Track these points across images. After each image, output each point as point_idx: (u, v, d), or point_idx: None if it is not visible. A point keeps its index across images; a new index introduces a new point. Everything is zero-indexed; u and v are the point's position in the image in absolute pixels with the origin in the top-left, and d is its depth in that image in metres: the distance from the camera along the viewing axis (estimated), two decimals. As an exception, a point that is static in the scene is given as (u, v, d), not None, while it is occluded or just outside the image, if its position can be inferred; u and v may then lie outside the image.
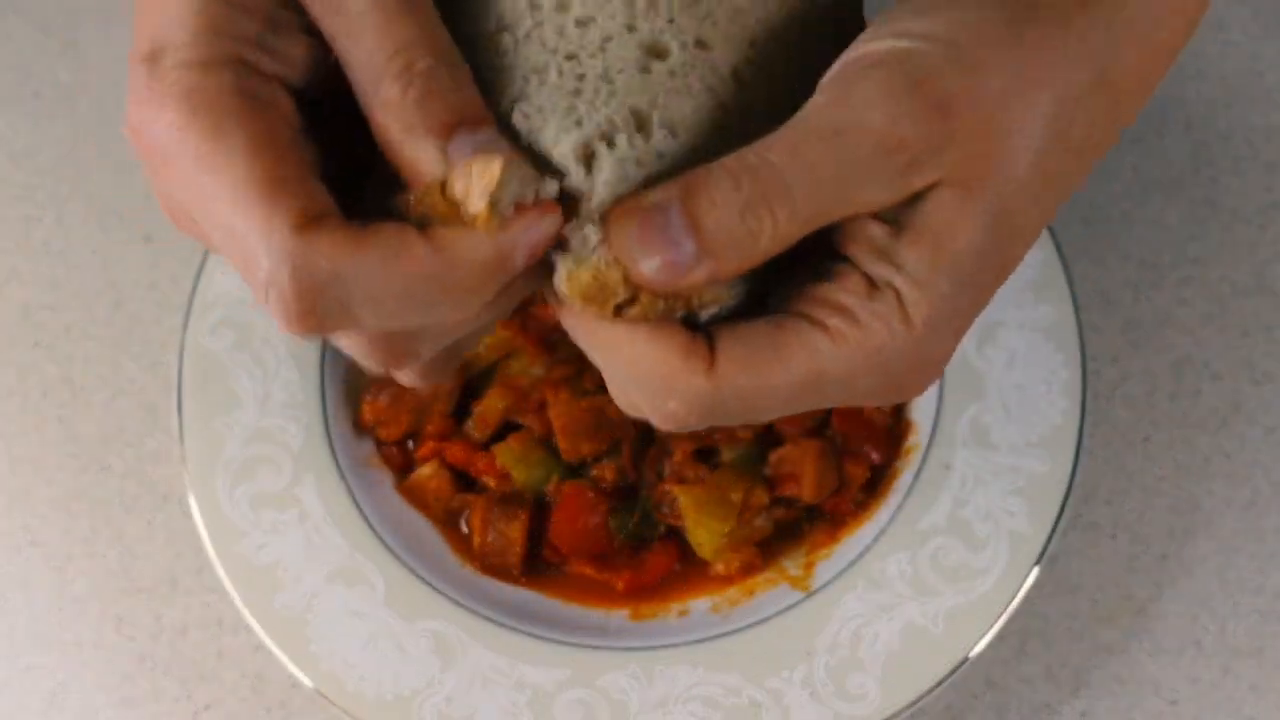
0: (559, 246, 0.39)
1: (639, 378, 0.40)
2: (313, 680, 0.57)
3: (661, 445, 0.61)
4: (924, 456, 0.61)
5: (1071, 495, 0.59)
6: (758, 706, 0.57)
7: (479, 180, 0.37)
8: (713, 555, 0.60)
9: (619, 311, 0.39)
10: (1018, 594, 0.57)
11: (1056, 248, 0.62)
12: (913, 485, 0.60)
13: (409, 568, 0.59)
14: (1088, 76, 0.39)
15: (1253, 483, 0.64)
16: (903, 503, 0.60)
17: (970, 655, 0.57)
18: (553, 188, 0.38)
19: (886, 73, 0.38)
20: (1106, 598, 0.62)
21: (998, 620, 0.57)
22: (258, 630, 0.58)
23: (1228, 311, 0.67)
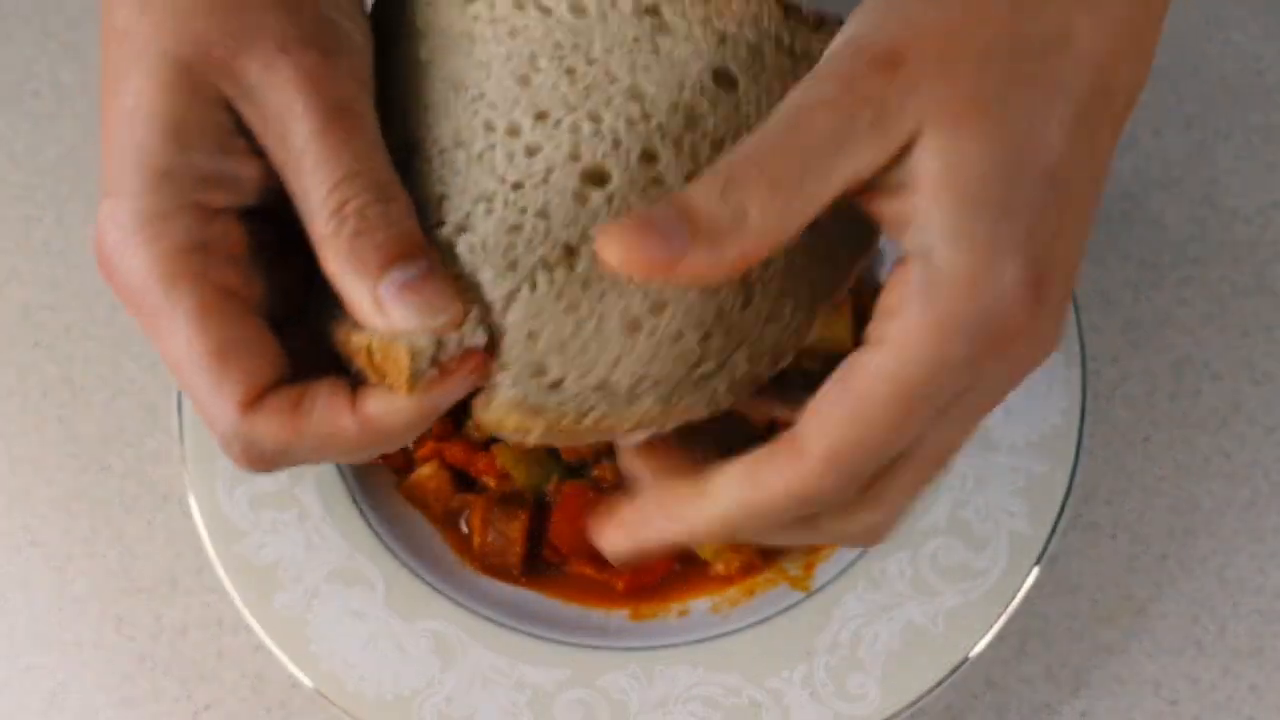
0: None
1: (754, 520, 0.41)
2: (313, 680, 0.57)
3: (661, 445, 0.61)
4: (924, 456, 0.61)
5: (1071, 495, 0.59)
6: (758, 706, 0.56)
7: (395, 362, 0.40)
8: (713, 555, 0.60)
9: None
10: (1018, 594, 0.57)
11: (1056, 248, 0.62)
12: (913, 485, 0.60)
13: (409, 568, 0.59)
14: None
15: (1253, 483, 0.64)
16: (903, 503, 0.60)
17: (970, 655, 0.57)
18: (481, 339, 0.40)
19: (834, 58, 0.39)
20: (1106, 598, 0.62)
21: (998, 620, 0.57)
22: (258, 630, 0.58)
23: (1228, 311, 0.67)
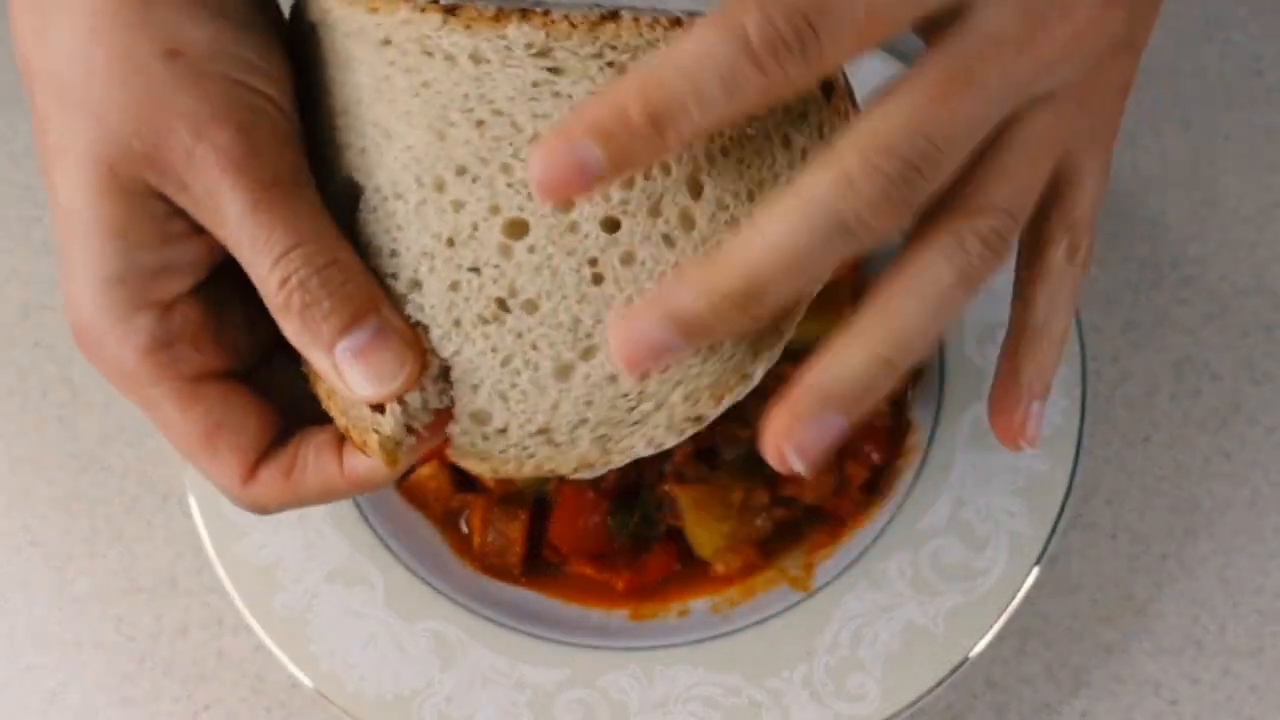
0: None
1: None
2: (313, 680, 0.57)
3: (661, 445, 0.61)
4: (924, 456, 0.60)
5: (1071, 495, 0.59)
6: (758, 706, 0.56)
7: (370, 446, 0.42)
8: (712, 555, 0.60)
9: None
10: (1018, 594, 0.57)
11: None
12: (913, 485, 0.60)
13: (409, 568, 0.59)
14: None
15: (1253, 483, 0.64)
16: (903, 503, 0.60)
17: (970, 655, 0.57)
18: (447, 400, 0.42)
19: None
20: (1106, 598, 0.62)
21: (998, 620, 0.57)
22: (258, 630, 0.58)
23: (1228, 311, 0.67)
